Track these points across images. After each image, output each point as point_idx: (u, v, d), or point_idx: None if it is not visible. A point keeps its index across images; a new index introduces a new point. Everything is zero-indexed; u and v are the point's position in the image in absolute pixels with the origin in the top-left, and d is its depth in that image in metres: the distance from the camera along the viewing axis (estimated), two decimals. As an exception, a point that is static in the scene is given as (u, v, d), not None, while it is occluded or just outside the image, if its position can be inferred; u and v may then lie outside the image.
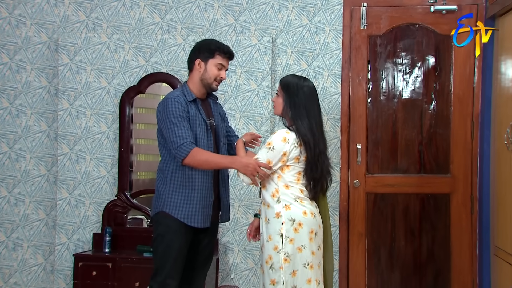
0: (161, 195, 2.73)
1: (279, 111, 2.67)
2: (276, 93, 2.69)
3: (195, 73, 2.79)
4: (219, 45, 2.79)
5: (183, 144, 2.60)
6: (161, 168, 2.77)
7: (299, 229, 2.54)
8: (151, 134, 4.29)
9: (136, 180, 4.02)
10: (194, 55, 2.80)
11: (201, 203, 2.73)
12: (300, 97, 2.61)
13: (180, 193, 2.70)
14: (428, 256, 3.77)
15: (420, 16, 3.77)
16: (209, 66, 2.76)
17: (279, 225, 2.53)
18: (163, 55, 3.90)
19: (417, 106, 3.80)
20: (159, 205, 2.74)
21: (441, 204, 3.77)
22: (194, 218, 2.72)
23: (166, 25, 3.95)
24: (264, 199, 2.62)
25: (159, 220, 2.74)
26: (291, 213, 2.55)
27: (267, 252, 2.56)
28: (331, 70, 3.83)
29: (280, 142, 2.55)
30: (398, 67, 3.82)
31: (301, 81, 2.66)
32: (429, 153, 3.79)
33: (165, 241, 2.71)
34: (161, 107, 2.70)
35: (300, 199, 2.59)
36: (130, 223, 3.95)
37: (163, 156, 2.77)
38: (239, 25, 3.90)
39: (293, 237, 2.53)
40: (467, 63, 3.74)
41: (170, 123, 2.62)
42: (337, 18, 3.83)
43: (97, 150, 3.93)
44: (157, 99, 4.23)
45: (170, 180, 2.71)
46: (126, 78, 3.92)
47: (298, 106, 2.60)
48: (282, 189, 2.58)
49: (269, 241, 2.55)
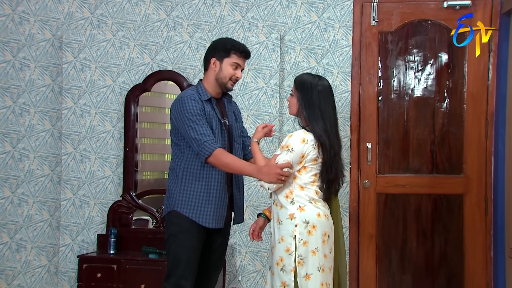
0: (172, 194, 2.72)
1: (294, 111, 2.63)
2: (291, 93, 2.65)
3: (210, 72, 2.78)
4: (234, 44, 2.77)
5: (206, 141, 2.59)
6: (173, 167, 2.76)
7: (312, 231, 2.51)
8: (157, 133, 4.29)
9: (141, 180, 4.00)
10: (209, 54, 2.79)
11: (214, 203, 2.71)
12: (314, 97, 2.56)
13: (191, 192, 2.69)
14: (441, 258, 3.72)
15: (432, 12, 3.72)
16: (224, 65, 2.75)
17: (293, 227, 2.50)
18: (169, 52, 3.87)
19: (429, 105, 3.75)
20: (171, 204, 2.72)
21: (454, 205, 3.72)
22: (206, 218, 2.70)
23: (172, 22, 3.91)
24: (277, 199, 2.58)
25: (171, 219, 2.73)
26: (305, 215, 2.51)
27: (279, 254, 2.53)
28: (340, 67, 3.79)
29: (299, 144, 2.51)
30: (410, 64, 3.77)
31: (316, 80, 2.60)
32: (441, 153, 3.73)
33: (177, 241, 2.69)
34: (176, 106, 2.69)
35: (314, 200, 2.56)
36: (135, 224, 3.92)
37: (174, 155, 2.76)
38: (246, 21, 3.86)
39: (306, 239, 2.49)
40: (481, 60, 3.68)
41: (189, 121, 2.62)
42: (347, 15, 3.79)
43: (101, 150, 3.90)
44: (163, 98, 4.23)
45: (181, 179, 2.70)
46: (131, 76, 3.89)
47: (313, 107, 2.56)
48: (296, 191, 2.55)
49: (281, 242, 2.52)
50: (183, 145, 2.71)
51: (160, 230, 3.80)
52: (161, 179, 4.23)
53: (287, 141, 2.54)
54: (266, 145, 3.75)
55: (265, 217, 2.80)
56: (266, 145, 3.75)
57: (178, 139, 2.72)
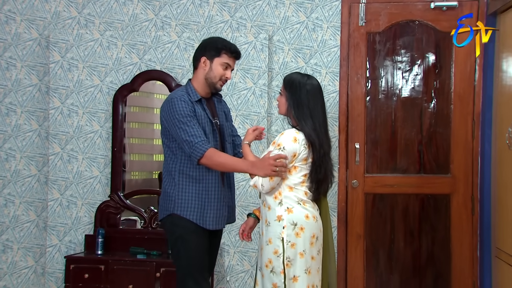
0: (170, 197, 2.70)
1: (283, 110, 2.63)
2: (280, 92, 2.65)
3: (200, 71, 2.76)
4: (226, 44, 2.76)
5: (198, 143, 2.59)
6: (168, 169, 2.74)
7: (300, 233, 2.51)
8: (145, 133, 4.30)
9: (129, 180, 4.00)
10: (199, 52, 2.77)
11: (215, 204, 2.72)
12: (303, 96, 2.56)
13: (191, 195, 2.68)
14: (428, 258, 3.76)
15: (420, 13, 3.76)
16: (214, 65, 2.74)
17: (280, 229, 2.51)
18: (157, 52, 3.89)
19: (417, 105, 3.79)
20: (170, 208, 2.70)
21: (441, 205, 3.76)
22: (207, 220, 2.70)
23: (160, 21, 3.93)
24: (265, 200, 2.59)
25: (173, 221, 2.70)
26: (293, 217, 2.52)
27: (267, 256, 2.54)
28: (329, 68, 3.82)
29: (290, 143, 2.51)
30: (398, 65, 3.81)
31: (304, 79, 2.60)
32: (429, 153, 3.78)
33: (187, 241, 2.68)
34: (166, 107, 2.67)
35: (303, 201, 2.56)
36: (123, 224, 3.92)
37: (168, 157, 2.75)
38: (235, 21, 3.88)
39: (294, 241, 2.50)
40: (468, 61, 3.73)
41: (180, 123, 2.61)
42: (335, 15, 3.82)
43: (89, 150, 3.91)
44: (151, 98, 4.23)
45: (178, 182, 2.69)
46: (119, 76, 3.90)
47: (302, 106, 2.56)
48: (285, 192, 2.55)
49: (269, 244, 2.53)
50: (174, 147, 2.70)
51: (148, 231, 3.81)
52: (149, 179, 4.24)
53: (278, 139, 2.54)
54: (254, 145, 3.78)
55: (255, 217, 2.81)
56: (254, 145, 3.78)
57: (170, 140, 2.71)
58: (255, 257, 3.78)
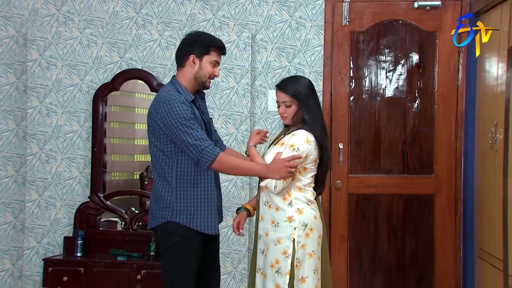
0: (168, 204, 2.61)
1: (291, 119, 2.65)
2: (286, 105, 2.63)
3: (188, 70, 2.67)
4: (213, 40, 2.70)
5: (207, 147, 2.52)
6: (162, 175, 2.63)
7: (310, 234, 2.55)
8: (126, 133, 4.27)
9: (110, 181, 3.98)
10: (187, 50, 2.67)
11: (214, 208, 2.66)
12: (312, 99, 2.64)
13: (190, 200, 2.61)
14: (412, 258, 3.78)
15: (403, 12, 3.77)
16: (204, 63, 2.66)
17: (291, 230, 2.53)
18: (138, 51, 3.85)
19: (401, 105, 3.80)
20: (167, 215, 2.61)
21: (424, 205, 3.78)
22: (208, 225, 2.63)
23: (141, 19, 3.89)
24: (272, 201, 2.59)
25: (171, 229, 2.61)
26: (303, 218, 2.55)
27: (274, 256, 2.54)
28: (312, 67, 3.82)
29: (304, 144, 2.55)
30: (381, 64, 3.82)
31: (305, 81, 2.68)
32: (412, 153, 3.79)
33: (181, 250, 2.61)
34: (164, 109, 2.54)
35: (311, 202, 2.60)
36: (103, 225, 3.89)
37: (162, 161, 2.62)
38: (217, 20, 3.86)
39: (304, 242, 2.53)
40: (451, 61, 3.75)
41: (184, 126, 2.51)
42: (318, 14, 3.81)
43: (68, 150, 3.86)
44: (132, 97, 4.21)
45: (176, 187, 2.61)
46: (99, 75, 3.86)
47: (314, 109, 2.63)
48: (295, 193, 2.58)
49: (277, 244, 2.54)
50: (170, 150, 2.59)
51: (129, 232, 3.78)
52: (131, 180, 4.22)
53: (290, 140, 2.57)
54: (237, 146, 3.76)
55: (247, 210, 2.79)
56: (237, 146, 3.76)
57: (163, 144, 2.60)
58: (238, 259, 3.76)
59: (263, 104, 3.83)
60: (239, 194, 3.76)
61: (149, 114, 2.63)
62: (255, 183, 3.81)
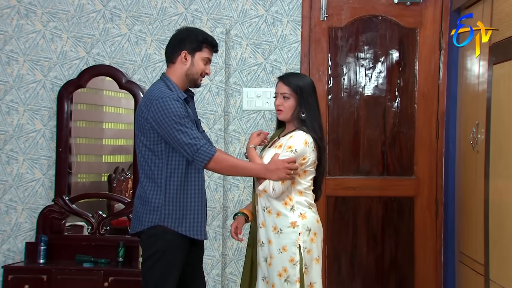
0: (156, 207, 2.55)
1: (289, 115, 2.62)
2: (284, 96, 2.61)
3: (179, 66, 2.63)
4: (207, 37, 2.66)
5: (203, 146, 2.49)
6: (150, 176, 2.57)
7: (314, 239, 2.55)
8: (93, 133, 4.18)
9: (75, 183, 3.89)
10: (178, 45, 2.63)
11: (205, 211, 2.64)
12: (313, 98, 2.63)
13: (180, 203, 2.56)
14: (391, 263, 3.75)
15: (383, 8, 3.73)
16: (196, 59, 2.62)
17: (296, 236, 2.51)
18: (106, 46, 3.75)
19: (380, 104, 3.77)
20: (154, 219, 2.54)
21: (404, 208, 3.75)
22: (198, 229, 2.59)
23: (109, 13, 3.79)
24: (272, 206, 2.56)
25: (157, 234, 2.54)
26: (307, 222, 2.54)
27: (281, 264, 2.51)
28: (289, 64, 3.76)
29: (302, 145, 2.53)
30: (360, 61, 3.78)
31: (309, 79, 2.69)
32: (392, 154, 3.76)
33: (166, 258, 2.55)
34: (156, 107, 2.49)
35: (312, 205, 2.60)
36: (68, 230, 3.79)
37: (150, 161, 2.57)
38: (189, 14, 3.78)
39: (310, 247, 2.53)
40: (432, 58, 3.73)
41: (178, 124, 2.48)
42: (295, 9, 3.76)
43: (31, 150, 3.74)
44: (100, 94, 4.12)
45: (165, 189, 2.55)
46: (64, 71, 3.75)
47: (314, 108, 2.62)
48: (296, 197, 2.56)
49: (283, 252, 2.51)
50: (160, 150, 2.55)
51: (96, 237, 3.69)
52: (98, 182, 4.13)
53: (288, 142, 2.54)
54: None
55: (245, 215, 2.74)
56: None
57: (154, 143, 2.55)
58: (211, 265, 3.69)
59: (238, 103, 3.76)
60: (213, 197, 3.68)
61: (139, 112, 2.58)
62: (229, 185, 3.74)
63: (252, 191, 2.75)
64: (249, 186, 3.67)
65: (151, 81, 3.74)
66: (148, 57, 3.75)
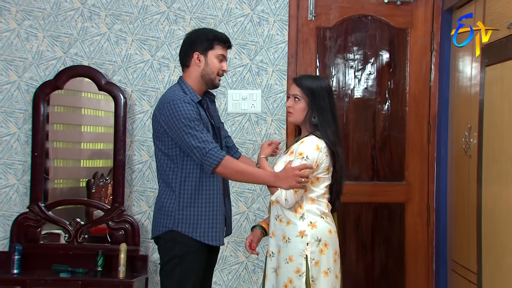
0: (170, 212, 2.60)
1: (300, 117, 2.60)
2: (296, 98, 2.59)
3: (194, 69, 2.67)
4: (217, 34, 2.71)
5: (212, 149, 2.50)
6: (166, 180, 2.64)
7: (324, 250, 2.51)
8: (71, 136, 4.12)
9: (52, 189, 3.84)
10: (189, 48, 2.68)
11: (219, 217, 2.64)
12: (327, 100, 2.59)
13: (194, 208, 2.59)
14: (381, 271, 3.72)
15: (373, 7, 3.71)
16: (209, 58, 2.66)
17: (303, 245, 2.48)
18: (85, 45, 3.71)
19: (370, 107, 3.75)
20: (168, 224, 2.60)
21: (395, 215, 3.74)
22: (213, 235, 2.61)
23: (87, 11, 3.74)
24: (283, 215, 2.54)
25: (175, 238, 2.59)
26: (317, 232, 2.50)
27: (287, 275, 2.49)
28: (275, 65, 3.73)
29: (313, 151, 2.50)
30: (349, 63, 3.76)
31: (324, 82, 2.66)
32: (382, 159, 3.74)
33: (184, 263, 2.58)
34: (168, 110, 2.55)
35: (325, 215, 2.55)
36: (44, 239, 3.73)
37: (166, 166, 2.63)
38: (172, 13, 3.74)
39: (318, 259, 2.49)
40: (423, 60, 3.71)
41: (188, 127, 2.51)
42: (282, 8, 3.73)
43: (4, 155, 3.69)
44: (78, 96, 4.07)
45: (179, 194, 2.60)
46: (40, 72, 3.70)
47: (326, 111, 2.58)
48: (307, 205, 2.53)
49: (289, 262, 2.49)
50: (175, 154, 2.59)
51: (74, 246, 3.64)
52: (76, 188, 4.08)
53: (299, 148, 2.51)
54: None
55: (262, 228, 2.72)
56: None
57: (168, 147, 2.60)
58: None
59: (223, 105, 3.72)
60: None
61: (154, 116, 2.65)
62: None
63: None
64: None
65: (132, 83, 3.71)
66: (129, 58, 3.71)
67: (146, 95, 3.72)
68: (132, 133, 3.71)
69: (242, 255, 3.73)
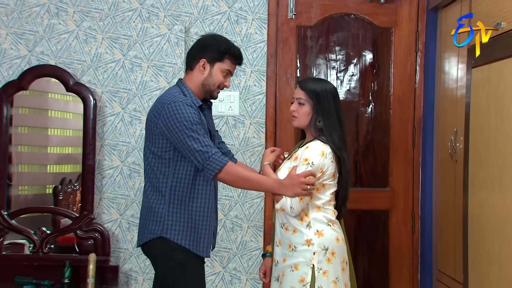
0: (159, 216, 2.59)
1: (305, 122, 2.60)
2: (300, 102, 2.59)
3: (197, 75, 2.67)
4: (230, 47, 2.67)
5: (214, 154, 2.50)
6: (155, 185, 2.62)
7: (332, 259, 2.50)
8: (37, 140, 4.04)
9: (16, 196, 3.74)
10: (198, 52, 2.67)
11: (209, 225, 2.63)
12: (332, 104, 2.59)
13: (181, 215, 2.59)
14: (365, 281, 3.72)
15: (355, 6, 3.72)
16: (215, 70, 2.65)
17: (310, 255, 2.48)
18: (51, 44, 3.63)
19: (353, 109, 3.76)
20: (157, 230, 2.59)
21: (379, 222, 3.75)
22: (200, 245, 2.61)
23: (54, 7, 3.67)
24: (288, 223, 2.54)
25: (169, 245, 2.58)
26: (324, 241, 2.49)
27: (290, 283, 2.50)
28: (254, 66, 3.71)
29: (319, 157, 2.49)
30: (331, 63, 3.76)
31: (329, 85, 2.65)
32: (366, 164, 3.75)
33: (189, 268, 2.59)
34: (168, 112, 2.53)
35: (332, 222, 2.55)
36: (7, 249, 3.63)
37: (156, 170, 2.62)
38: (145, 10, 3.69)
39: (326, 269, 2.48)
40: (408, 61, 3.73)
41: (190, 130, 2.50)
42: (261, 5, 3.71)
43: (-35, 160, 3.59)
44: (45, 97, 4.00)
45: (169, 199, 2.59)
46: (3, 71, 3.61)
47: (332, 115, 2.57)
48: (313, 213, 2.53)
49: (294, 271, 2.49)
50: (168, 157, 2.58)
51: (39, 256, 3.55)
52: (42, 195, 4.00)
53: (304, 154, 2.50)
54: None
55: (271, 255, 2.72)
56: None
57: (162, 150, 2.58)
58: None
59: (198, 107, 3.68)
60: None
61: (149, 117, 2.63)
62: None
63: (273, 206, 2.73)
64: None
65: (102, 83, 3.64)
66: (99, 57, 3.65)
67: (117, 96, 3.65)
68: (102, 137, 3.64)
69: (219, 266, 3.69)
